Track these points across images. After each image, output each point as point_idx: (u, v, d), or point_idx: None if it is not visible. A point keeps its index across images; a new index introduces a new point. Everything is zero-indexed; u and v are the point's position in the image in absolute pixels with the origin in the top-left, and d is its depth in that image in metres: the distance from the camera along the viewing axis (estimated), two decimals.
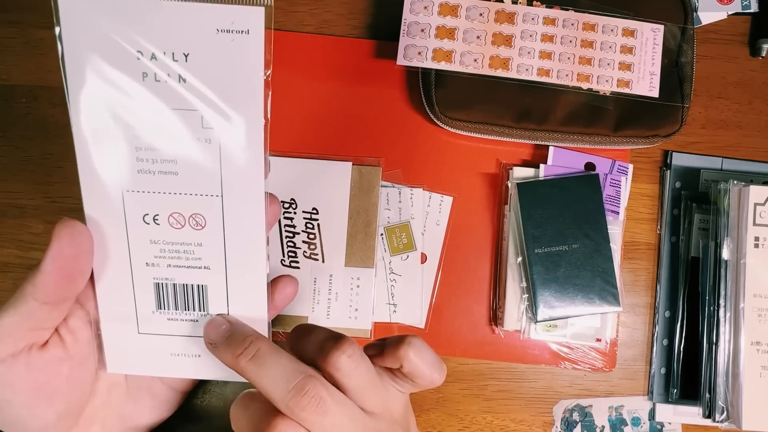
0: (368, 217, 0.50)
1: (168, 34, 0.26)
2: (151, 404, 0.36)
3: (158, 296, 0.31)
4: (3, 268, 0.51)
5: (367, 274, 0.50)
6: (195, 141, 0.28)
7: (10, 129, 0.52)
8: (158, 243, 0.30)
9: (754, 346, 0.46)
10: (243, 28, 0.26)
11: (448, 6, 0.48)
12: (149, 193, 0.29)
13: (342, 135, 0.52)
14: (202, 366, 0.33)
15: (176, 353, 0.32)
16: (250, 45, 0.26)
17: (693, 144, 0.53)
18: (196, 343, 0.32)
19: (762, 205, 0.46)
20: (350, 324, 0.50)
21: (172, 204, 0.29)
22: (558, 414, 0.51)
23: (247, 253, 0.30)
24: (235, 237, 0.30)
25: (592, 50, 0.49)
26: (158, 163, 0.28)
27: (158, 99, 0.27)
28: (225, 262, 0.30)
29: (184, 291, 0.31)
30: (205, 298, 0.31)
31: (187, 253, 0.30)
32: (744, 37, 0.55)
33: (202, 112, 0.28)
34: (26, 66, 0.53)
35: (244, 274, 0.31)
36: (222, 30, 0.26)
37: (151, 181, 0.29)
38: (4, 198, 0.52)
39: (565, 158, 0.51)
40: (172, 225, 0.30)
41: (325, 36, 0.53)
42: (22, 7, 0.53)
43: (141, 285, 0.31)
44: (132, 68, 0.27)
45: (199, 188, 0.29)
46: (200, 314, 0.32)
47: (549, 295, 0.47)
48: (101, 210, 0.30)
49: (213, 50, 0.27)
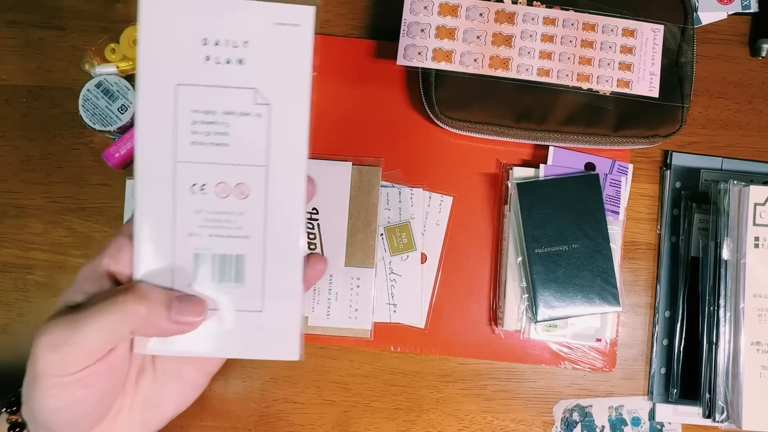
0: (368, 217, 0.50)
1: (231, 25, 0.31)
2: (178, 389, 0.35)
3: (196, 267, 0.32)
4: (3, 268, 0.51)
5: (367, 274, 0.50)
6: (247, 115, 0.31)
7: (10, 129, 0.52)
8: (203, 212, 0.31)
9: (754, 346, 0.45)
10: (295, 22, 0.31)
11: (448, 6, 0.48)
12: (200, 164, 0.31)
13: (342, 135, 0.52)
14: (235, 343, 0.32)
15: (208, 329, 0.32)
16: (301, 35, 0.31)
17: (693, 144, 0.53)
18: (230, 316, 0.32)
19: (762, 205, 0.46)
20: (350, 324, 0.50)
21: (220, 174, 0.31)
22: (558, 414, 0.51)
23: (286, 224, 0.32)
24: (275, 207, 0.32)
25: (592, 50, 0.49)
26: (212, 135, 0.31)
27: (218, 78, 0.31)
28: (264, 232, 0.32)
29: (222, 262, 0.32)
30: (242, 268, 0.32)
31: (229, 222, 0.32)
32: (744, 37, 0.55)
33: (256, 90, 0.31)
34: (26, 66, 0.53)
35: (281, 244, 0.32)
36: (278, 23, 0.31)
37: (203, 151, 0.31)
38: (4, 198, 0.52)
39: (565, 158, 0.51)
40: (218, 194, 0.31)
41: (325, 36, 0.53)
42: (22, 7, 0.53)
43: (181, 256, 0.32)
44: (197, 52, 0.31)
45: (246, 159, 0.31)
46: (236, 285, 0.32)
47: (549, 295, 0.47)
48: (152, 181, 0.31)
49: (269, 39, 0.31)
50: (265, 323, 0.32)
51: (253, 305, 0.32)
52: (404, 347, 0.51)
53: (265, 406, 0.50)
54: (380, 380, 0.51)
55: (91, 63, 0.51)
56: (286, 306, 0.32)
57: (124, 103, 0.49)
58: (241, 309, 0.32)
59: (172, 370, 0.35)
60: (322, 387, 0.51)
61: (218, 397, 0.50)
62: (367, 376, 0.51)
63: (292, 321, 0.32)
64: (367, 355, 0.51)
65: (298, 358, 0.32)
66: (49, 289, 0.51)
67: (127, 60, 0.51)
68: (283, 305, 0.32)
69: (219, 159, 0.31)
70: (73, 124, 0.52)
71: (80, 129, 0.52)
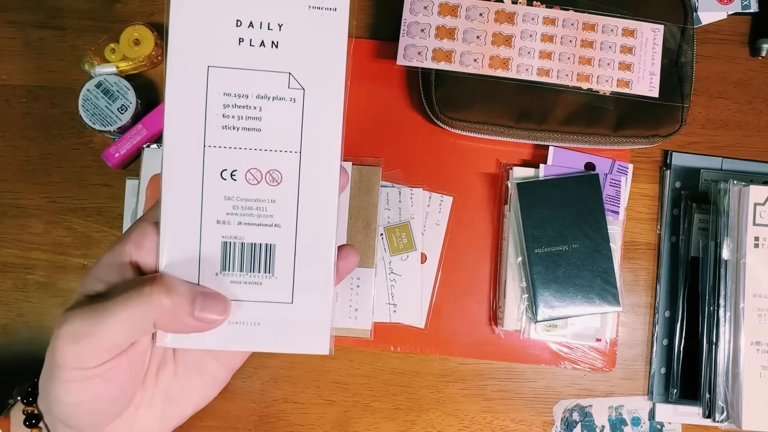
0: (368, 217, 0.50)
1: (266, 6, 0.30)
2: (200, 385, 0.34)
3: (224, 256, 0.30)
4: (3, 268, 0.51)
5: (367, 274, 0.50)
6: (281, 100, 0.30)
7: (10, 129, 0.52)
8: (232, 199, 0.30)
9: (754, 346, 0.45)
10: (332, 6, 0.30)
11: (448, 6, 0.48)
12: (231, 149, 0.30)
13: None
14: (263, 336, 0.31)
15: (235, 321, 0.31)
16: (337, 19, 0.30)
17: (693, 144, 0.53)
18: (257, 308, 0.31)
19: (762, 205, 0.46)
20: (350, 324, 0.50)
21: (251, 159, 0.30)
22: (558, 414, 0.51)
23: (319, 213, 0.31)
24: (308, 195, 0.31)
25: (592, 50, 0.49)
26: (243, 119, 0.30)
27: (251, 61, 0.30)
28: (296, 221, 0.31)
29: (252, 251, 0.31)
30: (272, 258, 0.31)
31: (259, 210, 0.31)
32: (744, 37, 0.55)
33: (291, 74, 0.30)
34: (26, 66, 0.53)
35: (314, 234, 0.31)
36: (313, 6, 0.30)
37: (234, 136, 0.30)
38: (4, 198, 0.52)
39: (565, 158, 0.51)
40: (249, 181, 0.30)
41: None
42: (22, 7, 0.53)
43: (209, 244, 0.30)
44: (230, 34, 0.30)
45: (279, 144, 0.31)
46: (265, 276, 0.31)
47: (549, 295, 0.47)
48: (180, 166, 0.30)
49: (305, 22, 0.30)
50: (295, 316, 0.31)
51: (284, 297, 0.31)
52: (404, 347, 0.51)
53: (265, 406, 0.50)
54: (380, 380, 0.51)
55: (91, 63, 0.51)
56: (318, 298, 0.31)
57: (124, 103, 0.49)
58: (270, 300, 0.31)
59: (195, 364, 0.33)
60: (322, 387, 0.51)
61: (218, 397, 0.50)
62: (367, 376, 0.51)
63: (323, 314, 0.31)
64: (367, 355, 0.51)
65: (328, 353, 0.31)
66: (49, 289, 0.51)
67: (127, 60, 0.51)
68: (314, 297, 0.31)
69: (251, 144, 0.30)
70: (73, 124, 0.52)
71: (80, 129, 0.52)
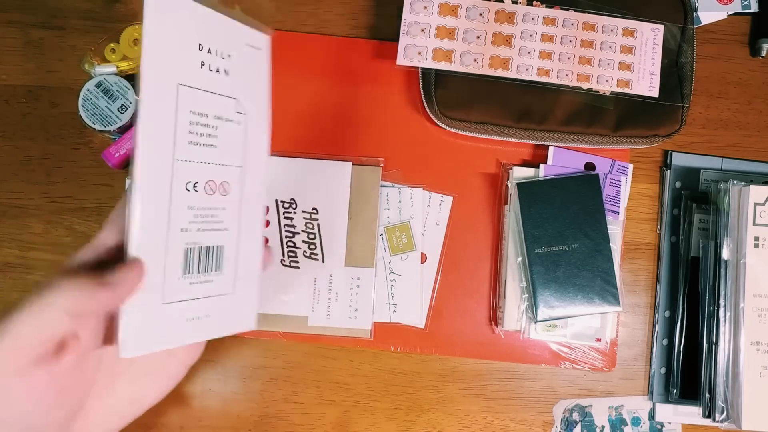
0: (368, 217, 0.50)
1: (218, 37, 0.34)
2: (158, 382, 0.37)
3: (186, 261, 0.33)
4: (3, 268, 0.51)
5: (367, 274, 0.50)
6: (230, 122, 0.35)
7: (10, 129, 0.52)
8: (194, 209, 0.34)
9: (754, 346, 0.45)
10: (258, 46, 0.36)
11: (448, 6, 0.48)
12: (194, 163, 0.34)
13: (342, 135, 0.52)
14: (212, 326, 0.35)
15: (191, 317, 0.34)
16: (263, 58, 0.37)
17: (693, 144, 0.53)
18: (209, 303, 0.35)
19: (762, 205, 0.46)
20: (350, 324, 0.50)
21: (209, 172, 0.34)
22: (558, 414, 0.51)
23: (253, 215, 0.37)
24: (247, 201, 0.36)
25: (592, 50, 0.49)
26: (204, 137, 0.34)
27: (210, 84, 0.34)
28: (239, 223, 0.36)
29: (207, 253, 0.35)
30: (221, 258, 0.35)
31: (213, 217, 0.35)
32: (744, 37, 0.55)
33: (237, 100, 0.35)
34: (26, 66, 0.53)
35: (249, 232, 0.37)
36: (248, 44, 0.36)
37: (197, 151, 0.34)
38: (4, 198, 0.52)
39: (565, 158, 0.51)
40: (207, 192, 0.34)
41: (325, 36, 0.53)
42: (22, 7, 0.53)
43: (173, 251, 0.33)
44: (194, 56, 0.33)
45: (229, 159, 0.35)
46: (216, 273, 0.35)
47: (549, 295, 0.47)
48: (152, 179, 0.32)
49: (243, 57, 0.36)
50: (235, 303, 0.36)
51: (228, 289, 0.36)
52: (404, 347, 0.51)
53: (265, 406, 0.50)
54: (380, 380, 0.51)
55: (91, 63, 0.51)
56: (250, 285, 0.37)
57: (123, 103, 0.49)
58: (219, 294, 0.35)
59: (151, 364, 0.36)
60: (322, 387, 0.51)
61: (218, 397, 0.50)
62: (367, 376, 0.51)
63: (254, 297, 0.37)
64: (367, 355, 0.51)
65: (255, 328, 0.37)
66: None
67: (127, 60, 0.51)
68: (248, 284, 0.37)
69: (209, 159, 0.34)
70: (73, 124, 0.52)
71: (80, 129, 0.52)
